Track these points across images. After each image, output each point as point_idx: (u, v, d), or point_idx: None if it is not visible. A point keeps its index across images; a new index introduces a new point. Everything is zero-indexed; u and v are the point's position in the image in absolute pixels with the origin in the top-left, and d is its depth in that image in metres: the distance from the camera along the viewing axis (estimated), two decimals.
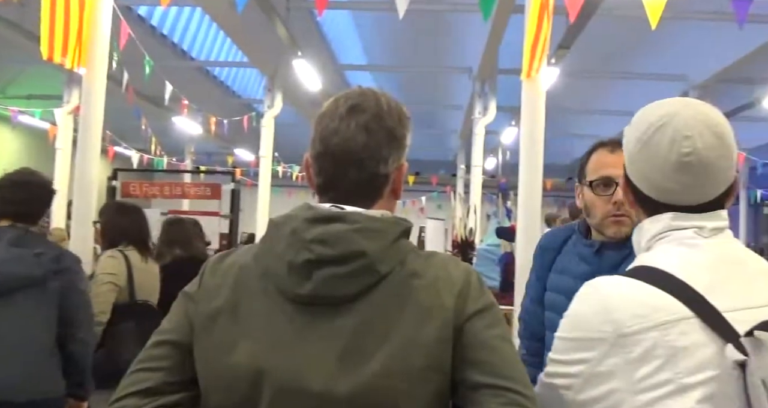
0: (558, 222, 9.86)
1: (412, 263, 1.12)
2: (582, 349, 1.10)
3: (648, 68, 10.84)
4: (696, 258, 1.11)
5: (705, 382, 1.01)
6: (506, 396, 1.02)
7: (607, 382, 1.07)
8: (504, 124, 13.00)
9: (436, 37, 10.29)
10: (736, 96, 11.21)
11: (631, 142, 1.20)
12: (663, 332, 1.03)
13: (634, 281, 1.10)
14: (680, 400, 1.01)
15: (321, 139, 1.18)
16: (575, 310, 1.16)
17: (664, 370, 1.02)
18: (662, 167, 1.14)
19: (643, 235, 1.20)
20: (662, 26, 5.15)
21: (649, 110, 1.21)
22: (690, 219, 1.15)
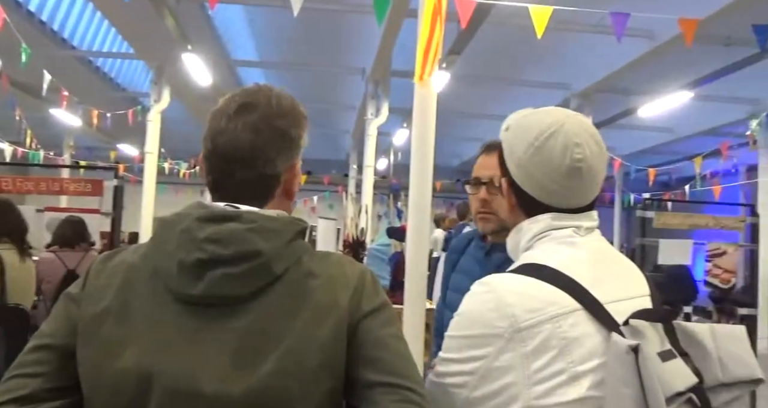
0: (447, 222, 10.11)
1: (307, 263, 1.11)
2: (477, 346, 1.12)
3: (533, 76, 11.28)
4: (576, 255, 1.18)
5: (594, 369, 1.07)
6: (400, 393, 1.03)
7: (503, 376, 1.10)
8: (396, 126, 13.16)
9: (331, 36, 10.27)
10: (614, 105, 11.89)
11: (521, 148, 1.23)
12: (556, 325, 1.08)
13: (525, 277, 1.14)
14: (573, 388, 1.07)
15: (210, 137, 1.17)
16: (469, 308, 1.18)
17: (558, 361, 1.07)
18: (554, 172, 1.20)
19: (524, 235, 1.25)
20: (547, 36, 5.39)
21: (535, 118, 1.26)
22: (568, 219, 1.22)
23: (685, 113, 12.01)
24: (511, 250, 1.32)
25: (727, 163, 12.97)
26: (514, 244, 1.29)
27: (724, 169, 13.54)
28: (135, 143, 14.70)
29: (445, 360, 1.19)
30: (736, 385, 1.13)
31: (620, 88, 11.40)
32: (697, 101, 11.03)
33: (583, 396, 1.07)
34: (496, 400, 1.10)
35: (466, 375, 1.13)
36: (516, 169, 1.25)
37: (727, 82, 10.07)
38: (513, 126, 1.28)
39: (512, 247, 1.30)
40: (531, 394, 1.07)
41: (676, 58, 9.04)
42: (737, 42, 8.44)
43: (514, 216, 1.29)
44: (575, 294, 1.11)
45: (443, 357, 1.19)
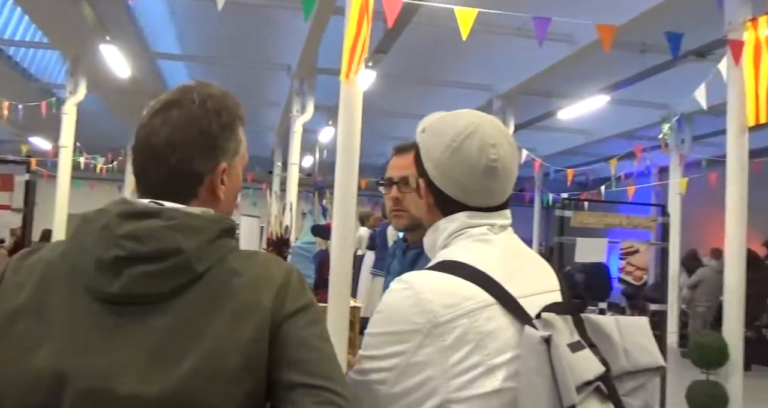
0: (371, 220, 10.14)
1: (232, 262, 1.09)
2: (396, 343, 1.14)
3: (458, 77, 11.44)
4: (490, 252, 1.22)
5: (509, 361, 1.11)
6: (321, 395, 1.02)
7: (422, 371, 1.11)
8: (322, 123, 13.12)
9: (256, 31, 10.13)
10: (535, 107, 12.20)
11: (438, 149, 1.26)
12: (472, 319, 1.11)
13: (442, 274, 1.17)
14: (489, 380, 1.10)
15: (136, 132, 1.17)
16: (388, 305, 1.19)
17: (475, 354, 1.10)
18: (472, 171, 1.23)
19: (441, 234, 1.28)
20: (472, 38, 5.47)
21: (451, 119, 1.29)
22: (483, 217, 1.26)
23: (602, 116, 12.45)
24: (428, 248, 1.34)
25: (640, 164, 13.49)
26: (431, 242, 1.31)
27: (637, 170, 14.07)
28: (49, 137, 14.10)
29: (365, 357, 1.19)
30: (641, 373, 1.19)
31: (541, 90, 11.70)
32: (613, 105, 11.45)
33: (499, 387, 1.10)
34: (415, 395, 1.11)
35: (386, 371, 1.14)
36: (434, 169, 1.27)
37: (642, 87, 10.49)
38: (429, 128, 1.31)
39: (429, 245, 1.33)
40: (449, 388, 1.09)
41: (594, 62, 9.34)
42: (651, 49, 8.80)
43: (431, 215, 1.31)
44: (490, 289, 1.14)
45: (363, 354, 1.20)
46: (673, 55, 6.27)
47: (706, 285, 10.14)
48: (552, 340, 1.07)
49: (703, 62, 8.34)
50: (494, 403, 1.10)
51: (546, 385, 1.05)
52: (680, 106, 9.89)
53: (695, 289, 10.77)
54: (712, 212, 9.22)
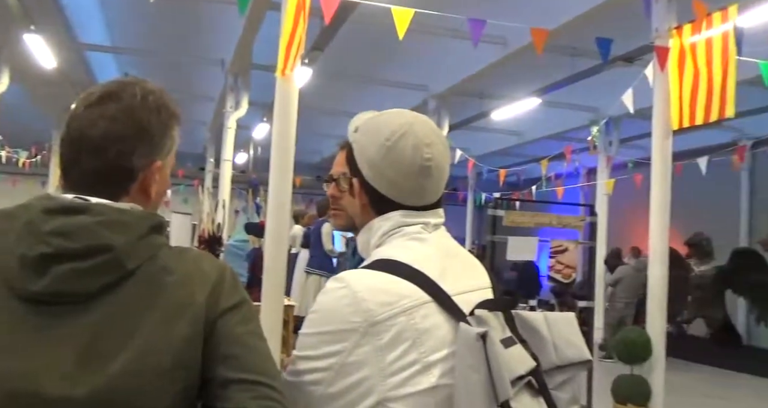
0: (306, 218, 10.09)
1: (163, 259, 1.07)
2: (333, 342, 1.13)
3: (394, 76, 11.48)
4: (425, 250, 1.23)
5: (444, 358, 1.12)
6: (257, 390, 1.02)
7: (358, 371, 1.11)
8: (256, 120, 12.95)
9: (190, 24, 9.92)
10: (469, 108, 12.35)
11: (373, 148, 1.27)
12: (409, 317, 1.12)
13: (378, 272, 1.17)
14: (426, 377, 1.11)
15: (66, 124, 1.12)
16: (323, 305, 1.18)
17: (411, 352, 1.11)
18: (407, 170, 1.25)
19: (375, 233, 1.28)
20: (409, 38, 5.50)
21: (384, 119, 1.31)
22: (417, 216, 1.27)
23: (534, 118, 12.72)
24: (361, 248, 1.34)
25: (570, 165, 13.85)
26: (365, 241, 1.32)
27: (567, 171, 14.45)
28: None
29: (300, 358, 1.18)
30: (569, 367, 1.23)
31: (475, 91, 11.85)
32: (544, 107, 11.71)
33: (435, 384, 1.11)
34: (351, 395, 1.11)
35: (322, 371, 1.14)
36: (369, 168, 1.28)
37: (572, 91, 10.76)
38: (362, 127, 1.32)
39: (363, 244, 1.33)
40: (386, 386, 1.10)
41: (527, 65, 9.52)
42: (582, 53, 9.03)
43: (365, 215, 1.32)
44: (426, 287, 1.15)
45: (298, 355, 1.19)
46: (603, 59, 6.46)
47: (625, 282, 10.49)
48: (488, 336, 1.08)
49: (631, 67, 8.61)
50: (430, 400, 1.11)
51: (482, 380, 1.07)
52: (608, 109, 10.20)
53: (615, 286, 11.14)
54: (638, 212, 9.54)
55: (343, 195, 1.38)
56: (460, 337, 1.11)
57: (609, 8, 7.27)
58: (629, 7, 6.76)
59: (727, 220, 13.81)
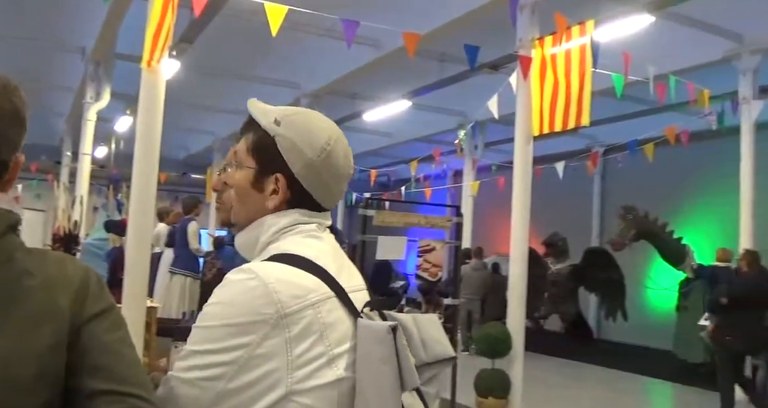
0: (171, 216, 9.73)
1: (22, 261, 0.99)
2: (240, 334, 1.10)
3: (266, 73, 11.33)
4: (322, 247, 1.25)
5: (347, 351, 1.15)
6: (127, 402, 0.97)
7: (265, 363, 1.09)
8: (118, 112, 12.36)
9: (47, 8, 9.29)
10: (342, 107, 12.40)
11: (311, 149, 1.25)
12: (317, 310, 1.13)
13: (285, 266, 1.16)
14: (332, 370, 1.12)
15: None
16: (231, 296, 1.14)
17: (318, 345, 1.12)
18: (338, 176, 1.29)
19: (267, 229, 1.26)
20: (282, 35, 5.44)
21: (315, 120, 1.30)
22: (314, 216, 1.29)
23: (404, 120, 12.97)
24: (244, 243, 1.30)
25: (438, 167, 14.26)
26: (252, 238, 1.28)
27: (435, 172, 14.85)
28: None
29: (197, 352, 1.12)
30: (436, 363, 1.28)
31: (348, 91, 11.93)
32: (414, 110, 11.97)
33: (340, 377, 1.13)
34: (255, 389, 1.09)
35: (225, 365, 1.09)
36: (305, 168, 1.26)
37: (441, 95, 11.07)
38: (286, 122, 1.28)
39: (248, 241, 1.30)
40: (293, 379, 1.09)
41: (398, 68, 9.70)
42: (451, 59, 9.31)
43: (257, 211, 1.28)
44: (328, 282, 1.17)
45: (196, 349, 1.13)
46: (470, 66, 6.69)
47: (465, 281, 10.93)
48: (398, 330, 1.12)
49: (496, 75, 8.98)
50: (334, 392, 1.13)
51: (392, 372, 1.11)
52: (475, 114, 10.60)
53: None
54: (500, 213, 9.96)
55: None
56: (367, 331, 1.14)
57: (477, 17, 7.54)
58: (496, 17, 7.04)
59: (581, 221, 14.73)
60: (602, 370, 10.27)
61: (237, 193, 1.30)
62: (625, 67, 6.53)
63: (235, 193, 1.30)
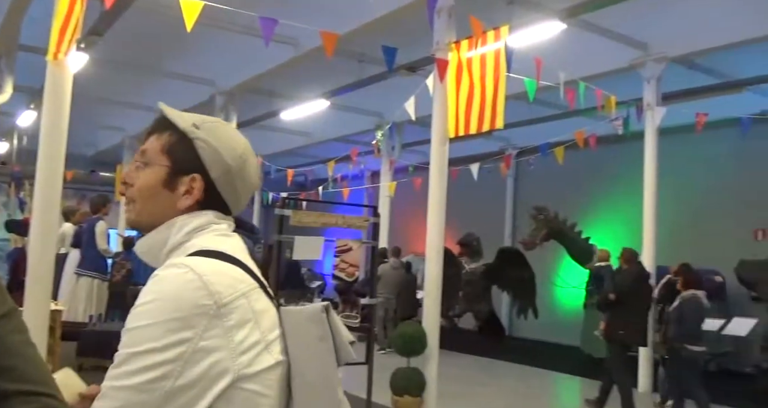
0: (77, 216, 9.35)
1: None
2: (182, 329, 1.08)
3: (179, 68, 11.06)
4: (236, 245, 1.29)
5: (278, 337, 1.22)
6: (40, 401, 0.98)
7: (210, 355, 1.09)
8: (21, 106, 11.80)
9: None
10: (259, 106, 12.25)
11: (230, 156, 1.30)
12: (248, 299, 1.17)
13: (212, 259, 1.19)
14: (270, 354, 1.18)
15: None
16: (166, 292, 1.12)
17: (255, 332, 1.16)
18: (249, 185, 1.36)
19: (179, 229, 1.26)
20: (197, 31, 5.33)
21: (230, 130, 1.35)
22: (225, 218, 1.34)
23: (322, 120, 12.93)
24: (150, 245, 1.29)
25: (355, 167, 14.29)
26: (161, 239, 1.27)
27: (352, 173, 14.87)
28: None
29: (138, 354, 1.08)
30: None
31: (265, 90, 11.79)
32: (332, 110, 11.95)
33: (278, 360, 1.20)
34: (204, 382, 1.08)
35: (170, 363, 1.07)
36: (223, 173, 1.30)
37: (359, 95, 11.10)
38: (205, 128, 1.30)
39: (156, 242, 1.28)
40: (238, 366, 1.12)
41: (317, 67, 9.66)
42: (369, 59, 9.34)
43: (167, 211, 1.28)
44: (250, 274, 1.22)
45: (136, 351, 1.08)
46: (388, 67, 6.73)
47: (384, 280, 11.04)
48: (330, 309, 1.22)
49: (414, 76, 9.08)
50: (273, 376, 1.18)
51: (328, 348, 1.23)
52: (392, 115, 10.66)
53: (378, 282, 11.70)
54: (417, 214, 10.08)
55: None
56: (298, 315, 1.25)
57: (396, 18, 7.61)
58: (414, 19, 7.12)
59: (494, 221, 15.08)
60: (514, 366, 10.55)
61: (143, 191, 1.28)
62: (537, 73, 6.72)
63: (140, 191, 1.29)
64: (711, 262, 10.19)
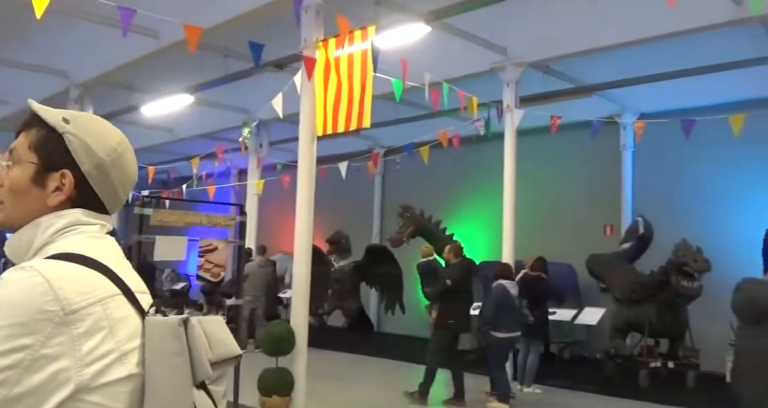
0: None
1: None
2: (23, 335, 1.03)
3: (29, 59, 10.34)
4: (105, 248, 1.23)
5: (137, 348, 1.15)
6: None
7: (52, 363, 1.04)
8: None
9: None
10: (117, 99, 11.69)
11: (103, 150, 1.26)
12: (104, 306, 1.11)
13: (69, 263, 1.13)
14: (123, 366, 1.11)
15: None
16: (9, 296, 1.07)
17: (108, 341, 1.10)
18: (126, 181, 1.31)
19: (44, 230, 1.22)
20: (50, 18, 5.00)
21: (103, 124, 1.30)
22: (96, 217, 1.28)
23: (186, 116, 12.54)
24: (17, 246, 1.24)
25: (221, 165, 13.96)
26: (26, 240, 1.23)
27: (218, 170, 14.51)
28: None
29: None
30: (222, 363, 1.30)
31: (125, 83, 11.28)
32: (197, 105, 11.61)
33: (132, 373, 1.12)
34: (41, 392, 1.03)
35: (7, 370, 1.02)
36: (95, 169, 1.25)
37: (225, 91, 10.85)
38: (75, 122, 1.26)
39: (20, 243, 1.23)
40: (83, 377, 1.06)
41: (180, 61, 9.34)
42: (235, 55, 9.16)
43: (32, 210, 1.23)
44: (114, 280, 1.16)
45: None
46: (255, 63, 6.63)
47: (251, 278, 10.95)
48: (189, 322, 1.15)
49: (282, 73, 9.00)
50: (125, 389, 1.11)
51: (184, 364, 1.14)
52: (260, 112, 10.51)
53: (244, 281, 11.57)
54: (285, 212, 10.00)
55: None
56: (157, 327, 1.15)
57: (263, 14, 7.51)
58: (282, 16, 7.05)
59: (362, 219, 15.24)
60: (382, 361, 10.72)
61: (12, 190, 1.24)
62: (403, 73, 6.86)
63: (9, 191, 1.24)
64: (565, 256, 10.84)
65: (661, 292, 8.93)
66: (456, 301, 7.69)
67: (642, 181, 11.58)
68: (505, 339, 7.61)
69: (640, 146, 11.20)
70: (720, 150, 9.97)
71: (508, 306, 7.59)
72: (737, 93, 9.70)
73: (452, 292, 7.66)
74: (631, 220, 10.88)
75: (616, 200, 11.72)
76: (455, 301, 7.69)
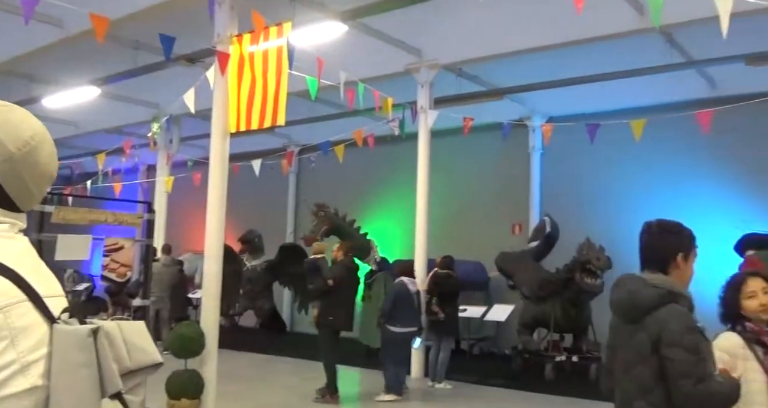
0: None
1: None
2: None
3: None
4: (15, 249, 1.16)
5: (42, 358, 1.08)
6: None
7: None
8: None
9: None
10: (16, 91, 11.10)
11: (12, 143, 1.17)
12: (6, 315, 1.05)
13: None
14: (25, 377, 1.05)
15: None
16: None
17: (9, 352, 1.04)
18: (41, 176, 1.22)
19: None
20: None
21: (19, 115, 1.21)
22: (8, 216, 1.21)
23: (92, 109, 12.05)
24: None
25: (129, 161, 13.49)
26: None
27: (125, 167, 14.03)
28: None
29: None
30: (141, 370, 1.26)
31: (24, 73, 10.75)
32: (104, 98, 11.18)
33: (35, 385, 1.06)
34: None
35: None
36: (4, 163, 1.17)
37: (134, 84, 10.50)
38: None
39: None
40: None
41: (86, 52, 8.99)
42: (145, 47, 8.88)
43: None
44: (20, 285, 1.10)
45: None
46: (165, 56, 6.46)
47: (156, 278, 10.67)
48: (99, 332, 1.10)
49: (194, 68, 8.79)
50: (27, 402, 1.06)
51: (92, 377, 1.08)
52: (170, 107, 10.24)
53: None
54: (196, 210, 9.77)
55: None
56: (65, 336, 1.09)
57: (175, 6, 7.32)
58: (195, 9, 6.90)
59: (276, 218, 15.08)
60: (294, 360, 10.64)
61: None
62: (318, 71, 6.83)
63: None
64: (475, 254, 11.08)
65: (566, 289, 9.25)
66: (337, 300, 7.68)
67: (549, 182, 11.97)
68: (401, 333, 7.81)
69: (548, 148, 11.58)
70: (623, 153, 10.43)
71: (406, 302, 7.82)
72: (639, 99, 10.18)
73: (334, 291, 7.66)
74: (539, 219, 11.22)
75: (525, 200, 12.07)
76: (337, 300, 7.68)
